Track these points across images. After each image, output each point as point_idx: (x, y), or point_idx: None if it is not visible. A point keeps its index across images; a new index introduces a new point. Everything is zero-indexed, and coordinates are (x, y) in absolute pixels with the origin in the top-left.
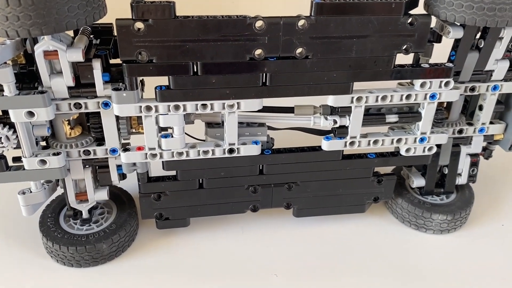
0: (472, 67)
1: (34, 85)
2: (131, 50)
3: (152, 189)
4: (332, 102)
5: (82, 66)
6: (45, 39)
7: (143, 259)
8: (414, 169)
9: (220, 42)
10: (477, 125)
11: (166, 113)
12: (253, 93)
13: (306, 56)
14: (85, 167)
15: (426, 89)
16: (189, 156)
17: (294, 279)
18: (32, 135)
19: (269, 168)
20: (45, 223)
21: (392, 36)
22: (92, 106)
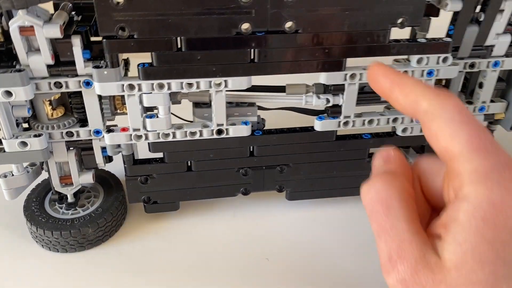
0: (471, 42)
1: (13, 63)
2: (111, 25)
3: (139, 172)
4: (325, 80)
5: (61, 43)
6: (20, 14)
7: (131, 244)
8: (412, 150)
9: (204, 15)
10: (477, 104)
11: (150, 92)
12: (241, 70)
13: (296, 30)
14: (69, 149)
15: (423, 65)
16: (175, 138)
17: (286, 264)
18: (12, 116)
19: (260, 150)
20: (30, 208)
21: (387, 8)
22: (73, 85)
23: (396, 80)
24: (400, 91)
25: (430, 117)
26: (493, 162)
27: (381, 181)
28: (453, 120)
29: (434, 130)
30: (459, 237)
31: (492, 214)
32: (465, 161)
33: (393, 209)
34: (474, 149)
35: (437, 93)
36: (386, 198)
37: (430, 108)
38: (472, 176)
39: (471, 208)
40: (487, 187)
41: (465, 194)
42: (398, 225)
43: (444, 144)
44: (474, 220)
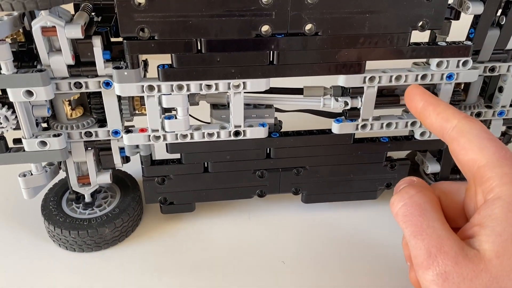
0: (492, 45)
1: (34, 63)
2: (132, 26)
3: (156, 173)
4: (343, 82)
5: (82, 44)
6: (42, 14)
7: (147, 245)
8: (429, 154)
9: (225, 17)
10: (497, 108)
11: (169, 93)
12: (260, 72)
13: (316, 32)
14: (87, 149)
15: (443, 68)
16: (193, 139)
17: (302, 267)
18: (32, 115)
19: (276, 152)
20: (47, 207)
21: (407, 11)
22: (93, 85)
23: (430, 101)
24: (433, 110)
25: (460, 133)
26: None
27: (414, 189)
28: (481, 137)
29: (463, 143)
30: (497, 228)
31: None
32: (495, 167)
33: (428, 211)
34: (502, 158)
35: (465, 115)
36: (420, 202)
37: (460, 125)
38: (504, 179)
39: (506, 204)
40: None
41: (498, 194)
42: (434, 224)
43: (472, 155)
44: (510, 213)
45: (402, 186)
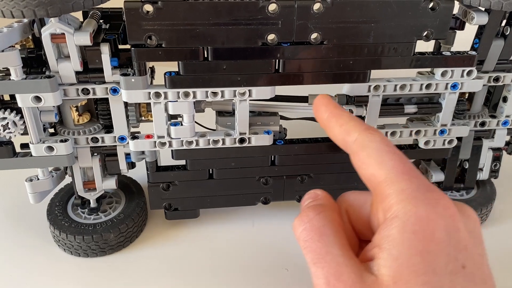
0: (496, 55)
1: (42, 70)
2: (140, 34)
3: (161, 179)
4: (348, 91)
5: (90, 51)
6: (52, 21)
7: (151, 250)
8: (433, 163)
9: (231, 26)
10: (501, 118)
11: (176, 100)
12: (266, 80)
13: (322, 41)
14: (93, 155)
15: (448, 78)
16: (199, 145)
17: (306, 274)
18: (40, 121)
19: (281, 159)
20: (53, 212)
21: (412, 21)
22: (100, 92)
23: (334, 112)
24: (336, 122)
25: (360, 147)
26: (417, 184)
27: (313, 211)
28: (380, 150)
29: (362, 158)
30: (394, 251)
31: (421, 227)
32: (393, 183)
33: (327, 236)
34: (400, 173)
35: (367, 127)
36: (319, 226)
37: (360, 138)
38: (400, 196)
39: (402, 224)
40: (414, 204)
41: (395, 212)
42: (333, 251)
43: (372, 170)
44: (406, 234)
45: (306, 202)
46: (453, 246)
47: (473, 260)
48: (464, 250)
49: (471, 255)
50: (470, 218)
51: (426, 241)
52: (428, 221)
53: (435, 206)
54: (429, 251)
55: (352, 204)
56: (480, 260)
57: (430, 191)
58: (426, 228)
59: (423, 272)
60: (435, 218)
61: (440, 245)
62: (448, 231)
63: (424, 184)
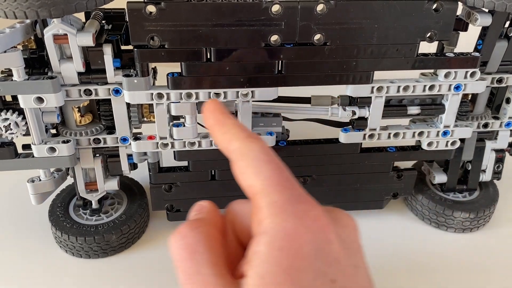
0: (500, 57)
1: (44, 70)
2: (143, 35)
3: (163, 180)
4: (351, 92)
5: (92, 51)
6: (54, 22)
7: (153, 252)
8: (436, 165)
9: (234, 27)
10: (504, 119)
11: (178, 101)
12: (268, 82)
13: (325, 42)
14: (95, 156)
15: (451, 79)
16: (201, 146)
17: None
18: (42, 121)
19: (283, 161)
20: (55, 213)
21: (416, 22)
22: (103, 92)
23: (217, 118)
24: (219, 129)
25: (240, 156)
26: (288, 195)
27: (187, 227)
28: (258, 159)
29: (241, 167)
30: (260, 270)
31: (287, 243)
32: (265, 195)
33: (199, 254)
34: (274, 184)
35: (248, 135)
36: (191, 243)
37: (240, 147)
38: (270, 209)
39: (269, 239)
40: (283, 218)
41: (264, 227)
42: (202, 270)
43: (249, 181)
44: (272, 251)
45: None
46: (322, 260)
47: (345, 272)
48: (335, 263)
49: (342, 267)
50: (347, 227)
51: (293, 257)
52: (295, 235)
53: (304, 218)
54: (295, 268)
55: (237, 215)
56: (354, 272)
57: (301, 202)
58: (293, 243)
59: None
60: (303, 232)
61: (307, 261)
62: (316, 244)
63: (296, 195)
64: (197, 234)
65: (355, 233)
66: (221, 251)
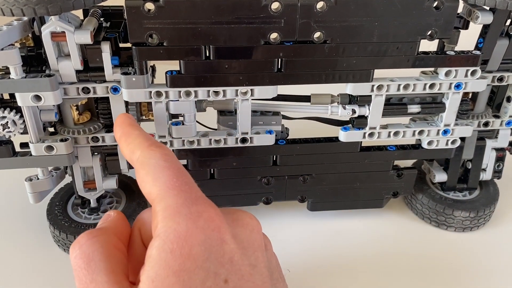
0: (501, 55)
1: (42, 68)
2: (141, 32)
3: None
4: (351, 91)
5: (90, 49)
6: (52, 19)
7: None
8: (436, 163)
9: (234, 24)
10: (504, 118)
11: (177, 99)
12: (268, 80)
13: (325, 40)
14: (94, 154)
15: (451, 78)
16: (200, 145)
17: (308, 275)
18: (40, 120)
19: (283, 159)
20: (53, 211)
21: (416, 20)
22: (101, 91)
23: (124, 130)
24: (124, 141)
25: (141, 165)
26: (183, 199)
27: (85, 237)
28: (157, 166)
29: (142, 176)
30: (151, 273)
31: (179, 245)
32: (160, 200)
33: (94, 262)
34: (169, 188)
35: (150, 144)
36: (88, 252)
37: (142, 156)
38: (165, 213)
39: (162, 243)
40: (175, 221)
41: (157, 231)
42: (97, 278)
43: (148, 188)
44: (163, 253)
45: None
46: (213, 260)
47: (239, 272)
48: (229, 263)
49: (237, 267)
50: (246, 226)
51: (183, 258)
52: (186, 237)
53: (196, 220)
54: (185, 270)
55: (144, 223)
56: (250, 271)
57: (196, 204)
58: (184, 244)
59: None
60: (195, 233)
61: (198, 262)
62: (208, 245)
63: (191, 197)
64: (94, 243)
65: (256, 232)
66: (120, 259)
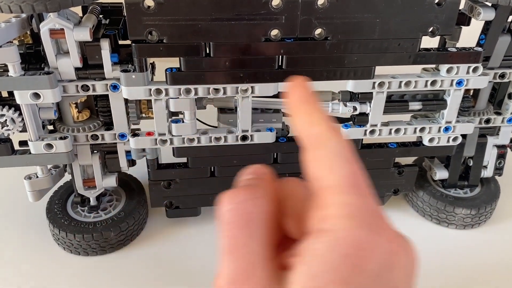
0: (503, 52)
1: (41, 66)
2: (141, 29)
3: (162, 176)
4: (352, 88)
5: (90, 46)
6: (51, 16)
7: (152, 249)
8: (437, 161)
9: (234, 21)
10: (506, 115)
11: (177, 96)
12: (268, 77)
13: (326, 37)
14: (93, 152)
15: (453, 75)
16: (200, 143)
17: None
18: (39, 118)
19: (283, 157)
20: (52, 210)
21: (418, 17)
22: (100, 88)
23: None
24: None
25: (318, 143)
26: (365, 203)
27: (250, 193)
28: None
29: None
30: (314, 269)
31: (355, 252)
32: (338, 193)
33: (252, 227)
34: (349, 185)
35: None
36: (247, 212)
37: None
38: (343, 210)
39: (335, 241)
40: (356, 225)
41: (330, 226)
42: (252, 245)
43: (320, 172)
44: (334, 255)
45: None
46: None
47: None
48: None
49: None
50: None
51: (355, 270)
52: (366, 248)
53: (379, 234)
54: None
55: (291, 195)
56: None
57: (378, 216)
58: (361, 255)
59: None
60: (374, 247)
61: (367, 280)
62: (382, 266)
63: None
64: (257, 205)
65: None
66: (271, 231)
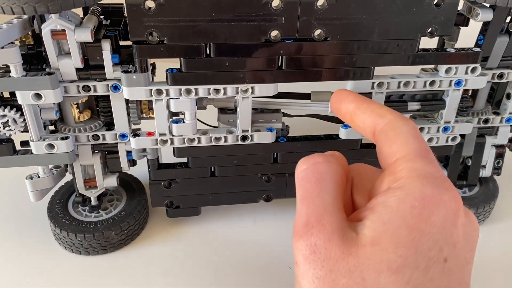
0: (501, 52)
1: (42, 66)
2: (142, 30)
3: (163, 176)
4: (352, 88)
5: (91, 47)
6: (52, 17)
7: (153, 248)
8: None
9: (234, 22)
10: (504, 115)
11: (178, 97)
12: (268, 77)
13: (325, 38)
14: (94, 152)
15: (452, 75)
16: (201, 143)
17: None
18: (40, 118)
19: (283, 157)
20: (53, 209)
21: (417, 17)
22: (101, 89)
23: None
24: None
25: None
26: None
27: (322, 157)
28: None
29: (391, 136)
30: (384, 216)
31: (420, 205)
32: (409, 160)
33: (325, 182)
34: (420, 155)
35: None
36: (321, 171)
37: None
38: (412, 173)
39: (403, 195)
40: (423, 183)
41: (400, 184)
42: (325, 196)
43: (395, 148)
44: (403, 205)
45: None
46: (443, 236)
47: (457, 259)
48: (453, 246)
49: (457, 254)
50: (472, 223)
51: (421, 219)
52: (430, 202)
53: (443, 193)
54: (418, 229)
55: (360, 175)
56: (464, 264)
57: (443, 180)
58: (426, 207)
59: (403, 245)
60: (439, 203)
61: (432, 229)
62: (445, 220)
63: (440, 172)
64: (327, 166)
65: (477, 234)
66: (342, 193)
